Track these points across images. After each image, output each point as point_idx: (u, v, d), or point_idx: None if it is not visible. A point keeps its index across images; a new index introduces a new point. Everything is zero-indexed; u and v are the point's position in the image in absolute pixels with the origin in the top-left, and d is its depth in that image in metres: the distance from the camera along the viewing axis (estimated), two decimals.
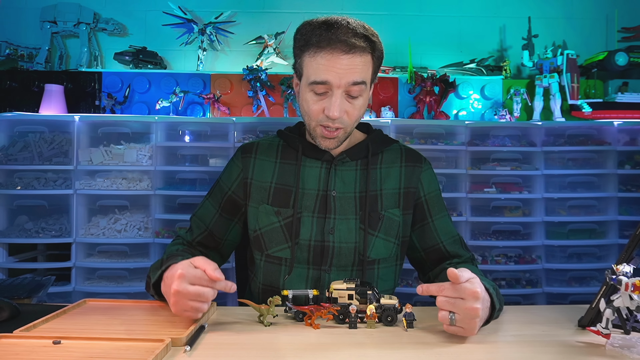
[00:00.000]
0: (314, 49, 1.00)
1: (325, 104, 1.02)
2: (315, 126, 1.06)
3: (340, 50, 0.98)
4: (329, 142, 1.07)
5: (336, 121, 1.02)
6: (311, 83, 1.01)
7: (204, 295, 0.82)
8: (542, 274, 2.40)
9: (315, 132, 1.07)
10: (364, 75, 1.01)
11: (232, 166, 1.18)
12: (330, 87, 1.00)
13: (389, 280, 1.15)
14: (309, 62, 1.01)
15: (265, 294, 1.12)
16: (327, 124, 1.03)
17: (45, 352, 0.71)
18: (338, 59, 0.98)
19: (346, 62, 0.98)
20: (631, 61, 2.53)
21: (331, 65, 0.98)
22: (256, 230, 1.12)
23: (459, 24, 2.79)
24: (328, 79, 0.99)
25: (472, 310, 0.78)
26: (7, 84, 2.46)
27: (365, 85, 1.03)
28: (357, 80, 1.00)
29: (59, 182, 2.28)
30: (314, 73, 1.00)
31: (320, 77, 0.99)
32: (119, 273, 2.31)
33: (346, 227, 1.09)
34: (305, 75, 1.03)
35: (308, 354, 0.74)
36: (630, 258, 0.81)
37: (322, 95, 1.02)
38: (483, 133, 2.45)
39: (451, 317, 0.79)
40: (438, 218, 1.16)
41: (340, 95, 1.00)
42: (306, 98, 1.04)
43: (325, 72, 0.99)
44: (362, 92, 1.03)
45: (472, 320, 0.78)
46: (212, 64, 2.73)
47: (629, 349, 0.75)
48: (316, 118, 1.04)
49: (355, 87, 1.01)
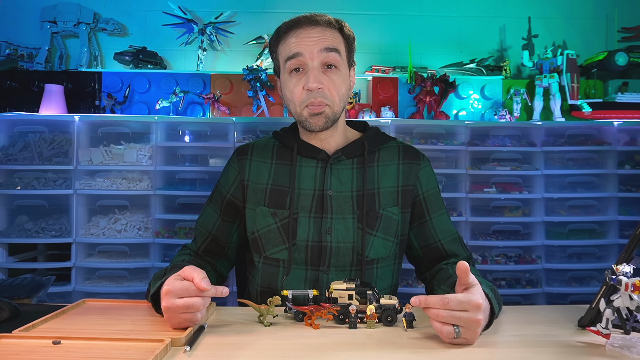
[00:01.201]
0: (284, 36, 1.08)
1: (304, 81, 1.05)
2: (301, 110, 1.08)
3: (306, 25, 1.06)
4: (317, 119, 1.07)
5: (317, 95, 1.04)
6: (286, 61, 1.06)
7: (193, 306, 0.80)
8: (542, 274, 2.40)
9: (303, 115, 1.08)
10: (335, 44, 1.07)
11: (228, 169, 1.18)
12: (305, 61, 1.04)
13: (388, 279, 1.14)
14: (282, 48, 1.08)
15: (263, 295, 1.12)
16: (310, 102, 1.05)
17: (45, 352, 0.71)
18: (306, 32, 1.05)
19: (314, 33, 1.05)
20: (631, 61, 2.53)
21: (300, 39, 1.05)
22: (254, 232, 1.12)
23: (459, 24, 2.79)
24: (299, 50, 1.05)
25: (475, 322, 0.76)
26: (7, 84, 2.46)
27: (339, 54, 1.07)
28: (328, 47, 1.05)
29: (59, 182, 2.28)
30: (287, 51, 1.06)
31: (292, 51, 1.05)
32: (119, 273, 2.31)
33: (344, 226, 1.09)
34: (282, 61, 1.09)
35: (308, 354, 0.74)
36: (630, 258, 0.81)
37: (299, 73, 1.06)
38: (483, 133, 2.45)
39: (457, 331, 0.76)
40: (436, 216, 1.15)
41: (317, 67, 1.05)
42: (287, 83, 1.08)
43: (296, 46, 1.05)
44: (338, 63, 1.07)
45: (474, 331, 0.77)
46: (212, 64, 2.73)
47: (629, 349, 0.75)
48: (299, 99, 1.06)
49: (330, 55, 1.05)
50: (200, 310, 0.81)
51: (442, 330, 0.76)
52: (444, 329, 0.76)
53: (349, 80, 1.12)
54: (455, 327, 0.76)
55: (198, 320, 0.82)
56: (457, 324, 0.76)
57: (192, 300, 0.80)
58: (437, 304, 0.76)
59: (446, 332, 0.76)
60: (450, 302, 0.76)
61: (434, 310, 0.77)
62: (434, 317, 0.77)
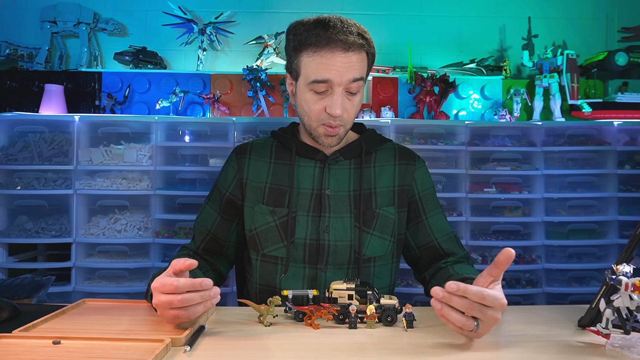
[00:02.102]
0: (313, 48, 1.01)
1: (326, 102, 1.03)
2: (317, 126, 1.07)
3: (340, 49, 1.00)
4: (331, 140, 1.09)
5: (337, 119, 1.04)
6: (312, 82, 1.02)
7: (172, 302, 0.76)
8: (542, 274, 2.40)
9: (318, 132, 1.08)
10: (361, 72, 1.04)
11: (227, 168, 1.20)
12: (331, 85, 1.02)
13: (386, 278, 1.15)
14: (308, 62, 1.02)
15: (262, 293, 1.13)
16: (329, 122, 1.05)
17: (45, 352, 0.71)
18: (338, 57, 1.00)
19: (345, 60, 1.00)
20: (631, 61, 2.53)
21: (331, 63, 1.00)
22: (252, 230, 1.13)
23: (459, 24, 2.79)
24: (329, 77, 1.00)
25: (495, 321, 0.75)
26: (7, 84, 2.46)
27: (363, 81, 1.06)
28: (356, 77, 1.02)
29: (59, 182, 2.28)
30: (314, 72, 1.01)
31: (321, 75, 1.01)
32: (119, 273, 2.31)
33: (341, 225, 1.10)
34: (304, 75, 1.04)
35: (308, 354, 0.74)
36: (630, 258, 0.81)
37: (322, 94, 1.04)
38: (483, 133, 2.45)
39: (477, 324, 0.74)
40: (432, 215, 1.17)
41: (341, 93, 1.02)
42: (306, 98, 1.05)
43: (326, 71, 1.00)
44: (360, 88, 1.06)
45: (489, 328, 0.77)
46: (212, 64, 2.73)
47: (629, 349, 0.75)
48: (318, 117, 1.06)
49: (354, 83, 1.03)
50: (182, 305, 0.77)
51: (464, 322, 0.74)
52: (466, 322, 0.74)
53: (363, 97, 1.12)
54: (476, 321, 0.74)
55: (189, 316, 0.78)
56: (480, 318, 0.74)
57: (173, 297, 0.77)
58: (475, 296, 0.73)
59: (468, 325, 0.74)
60: (488, 297, 0.73)
61: (465, 302, 0.73)
62: (462, 309, 0.74)
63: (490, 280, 0.79)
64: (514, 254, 0.75)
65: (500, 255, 0.76)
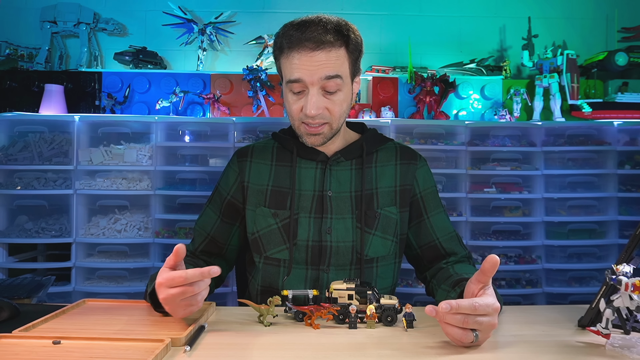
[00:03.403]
0: (286, 50, 1.03)
1: (303, 102, 1.04)
2: (298, 125, 1.08)
3: (308, 48, 1.00)
4: (314, 139, 1.08)
5: (316, 117, 1.04)
6: (287, 82, 1.04)
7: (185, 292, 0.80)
8: (542, 274, 2.40)
9: (300, 130, 1.09)
10: (337, 69, 1.02)
11: (229, 171, 1.19)
12: (305, 84, 1.02)
13: (388, 279, 1.15)
14: (284, 64, 1.05)
15: (264, 295, 1.12)
16: (307, 121, 1.05)
17: (45, 352, 0.71)
18: (307, 57, 1.00)
19: (316, 59, 1.00)
20: (631, 61, 2.53)
21: (301, 63, 1.01)
22: (254, 232, 1.13)
23: (459, 24, 2.79)
24: (300, 76, 1.01)
25: (493, 326, 0.76)
26: (7, 84, 2.46)
27: (341, 79, 1.03)
28: (329, 74, 1.01)
29: (59, 182, 2.28)
30: (289, 73, 1.03)
31: (293, 75, 1.02)
32: (119, 273, 2.31)
33: (343, 226, 1.10)
34: (284, 76, 1.07)
35: (308, 354, 0.74)
36: (630, 258, 0.81)
37: (299, 94, 1.05)
38: (483, 133, 2.45)
39: (476, 335, 0.74)
40: (434, 215, 1.16)
41: (317, 92, 1.02)
42: (287, 98, 1.07)
43: (297, 70, 1.01)
44: (340, 86, 1.04)
45: (488, 334, 0.77)
46: (212, 64, 2.73)
47: (629, 349, 0.75)
48: (297, 116, 1.07)
49: (330, 81, 1.02)
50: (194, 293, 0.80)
51: (463, 336, 0.73)
52: (465, 335, 0.74)
53: (350, 94, 1.10)
54: (474, 333, 0.74)
55: (199, 304, 0.82)
56: (478, 329, 0.74)
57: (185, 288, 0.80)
58: (467, 309, 0.73)
59: (467, 338, 0.74)
60: (480, 307, 0.73)
61: (458, 317, 0.73)
62: (458, 324, 0.73)
63: (480, 286, 0.79)
64: (499, 261, 0.76)
65: (485, 263, 0.77)
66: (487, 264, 0.77)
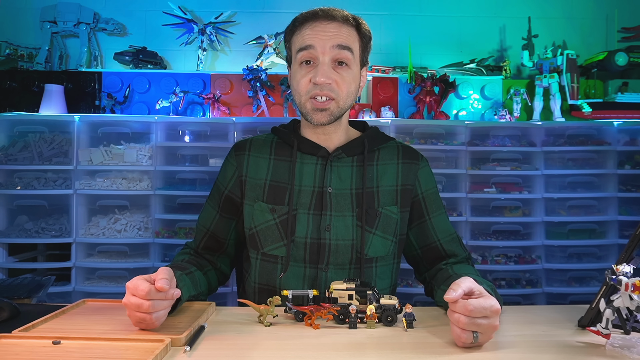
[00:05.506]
0: (299, 26, 1.08)
1: (313, 73, 1.05)
2: (305, 101, 1.07)
3: (323, 19, 1.05)
4: (321, 115, 1.07)
5: (325, 88, 1.04)
6: (298, 51, 1.06)
7: (141, 307, 0.78)
8: (542, 274, 2.40)
9: (307, 108, 1.08)
10: (349, 42, 1.06)
11: (226, 165, 1.18)
12: (316, 54, 1.04)
13: (387, 279, 1.14)
14: (296, 39, 1.08)
15: (260, 292, 1.11)
16: (315, 93, 1.05)
17: (45, 352, 0.71)
18: (321, 26, 1.05)
19: (329, 28, 1.04)
20: (631, 61, 2.53)
21: (314, 32, 1.05)
22: (251, 228, 1.11)
23: (459, 24, 2.79)
24: (312, 43, 1.04)
25: (493, 328, 0.76)
26: (7, 84, 2.46)
27: (352, 53, 1.06)
28: (342, 44, 1.04)
29: (59, 182, 2.28)
30: (301, 42, 1.06)
31: (305, 42, 1.05)
32: (119, 273, 2.31)
33: (343, 224, 1.08)
34: (294, 51, 1.08)
35: (308, 354, 0.74)
36: (630, 258, 0.81)
37: (309, 66, 1.06)
38: (483, 133, 2.45)
39: (475, 336, 0.75)
40: (435, 216, 1.15)
41: (328, 62, 1.05)
42: (295, 75, 1.08)
43: (309, 39, 1.05)
44: (350, 61, 1.06)
45: (490, 336, 0.77)
46: (212, 64, 2.73)
47: (629, 349, 0.75)
48: (305, 90, 1.06)
49: (342, 52, 1.05)
50: (149, 312, 0.78)
51: (461, 336, 0.75)
52: (463, 335, 0.75)
53: (359, 78, 1.12)
54: (474, 334, 0.75)
55: (153, 323, 0.80)
56: (477, 330, 0.75)
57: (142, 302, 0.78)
58: (459, 309, 0.75)
59: (465, 339, 0.75)
60: (473, 310, 0.74)
61: (456, 315, 0.75)
62: (454, 323, 0.76)
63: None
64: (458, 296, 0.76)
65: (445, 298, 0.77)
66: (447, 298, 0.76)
